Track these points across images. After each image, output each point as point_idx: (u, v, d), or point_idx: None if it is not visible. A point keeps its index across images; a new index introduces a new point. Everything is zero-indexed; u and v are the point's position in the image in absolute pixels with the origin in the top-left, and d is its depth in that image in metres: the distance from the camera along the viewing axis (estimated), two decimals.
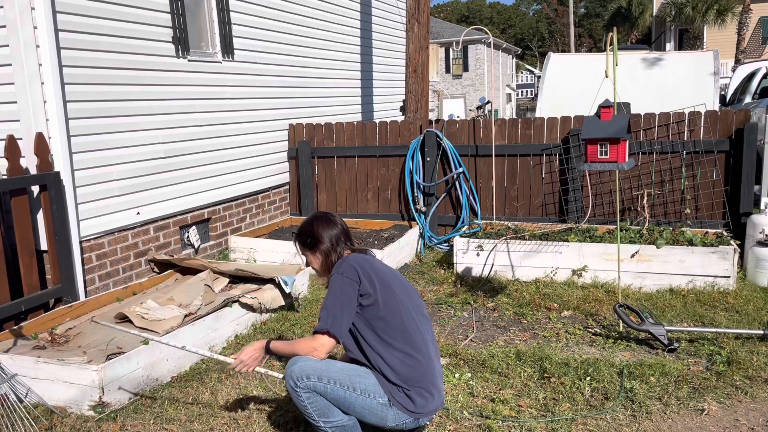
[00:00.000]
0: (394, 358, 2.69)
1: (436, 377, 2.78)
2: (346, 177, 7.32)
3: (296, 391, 2.67)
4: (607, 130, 3.97)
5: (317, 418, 2.70)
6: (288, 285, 4.78)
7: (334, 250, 2.87)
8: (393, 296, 2.75)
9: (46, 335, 4.13)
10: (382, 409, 2.67)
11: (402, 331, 2.71)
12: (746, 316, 4.42)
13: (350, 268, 2.73)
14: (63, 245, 4.61)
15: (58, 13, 4.56)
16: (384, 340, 2.69)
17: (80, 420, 3.30)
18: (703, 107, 6.96)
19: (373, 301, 2.70)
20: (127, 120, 5.22)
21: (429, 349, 2.79)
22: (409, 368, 2.69)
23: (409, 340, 2.72)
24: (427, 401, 2.71)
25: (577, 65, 9.69)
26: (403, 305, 2.77)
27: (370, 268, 2.77)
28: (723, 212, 5.93)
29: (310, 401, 2.68)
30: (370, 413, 2.68)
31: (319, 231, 2.88)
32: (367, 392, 2.67)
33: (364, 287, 2.71)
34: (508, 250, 5.49)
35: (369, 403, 2.67)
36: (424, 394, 2.70)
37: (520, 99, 46.49)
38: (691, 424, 3.12)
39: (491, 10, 74.03)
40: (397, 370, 2.68)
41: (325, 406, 2.69)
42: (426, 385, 2.71)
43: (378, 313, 2.70)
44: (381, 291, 2.73)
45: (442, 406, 2.82)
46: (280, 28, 7.32)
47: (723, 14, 25.51)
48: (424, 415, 2.73)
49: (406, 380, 2.68)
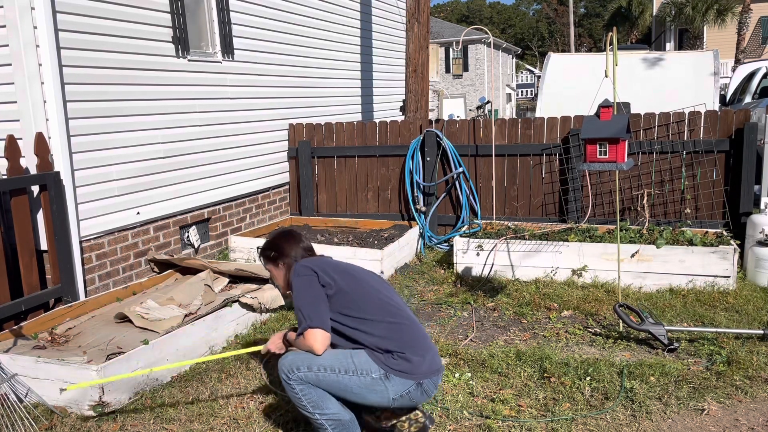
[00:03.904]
0: (378, 328, 2.70)
1: (426, 338, 2.79)
2: (346, 177, 7.32)
3: (289, 383, 2.70)
4: (606, 130, 3.97)
5: (312, 410, 2.70)
6: None
7: (294, 261, 2.94)
8: (355, 280, 2.81)
9: (46, 335, 4.13)
10: (381, 384, 2.66)
11: (377, 305, 2.75)
12: (746, 316, 4.42)
13: (303, 268, 2.80)
14: (63, 245, 4.61)
15: (58, 13, 4.56)
16: (363, 319, 2.71)
17: (80, 420, 3.31)
18: (703, 107, 6.96)
19: (337, 289, 2.74)
20: (127, 120, 5.22)
21: (409, 314, 2.82)
22: (396, 332, 2.70)
23: (386, 310, 2.75)
24: (423, 359, 2.70)
25: (577, 65, 9.69)
26: (369, 285, 2.82)
27: (326, 264, 2.84)
28: (723, 212, 5.93)
29: (304, 393, 2.69)
30: (369, 391, 2.67)
31: (282, 246, 2.97)
32: (361, 370, 2.66)
33: (322, 278, 2.75)
34: (508, 250, 5.49)
35: (365, 381, 2.66)
36: (419, 352, 2.70)
37: (520, 99, 46.49)
38: (691, 424, 3.12)
39: (491, 10, 74.02)
40: (385, 336, 2.69)
41: (319, 398, 2.70)
42: (418, 345, 2.71)
43: (347, 298, 2.73)
44: (341, 278, 2.78)
45: (441, 369, 2.80)
46: (280, 28, 7.32)
47: (723, 14, 25.51)
48: (425, 376, 2.69)
49: (397, 344, 2.68)
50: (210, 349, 4.11)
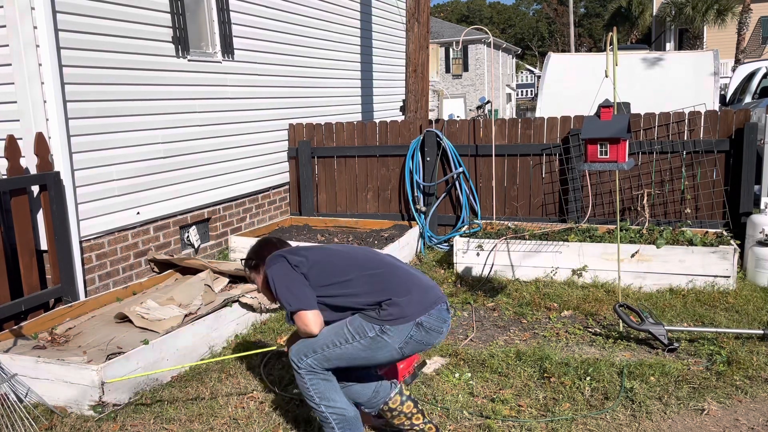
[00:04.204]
0: (359, 285, 2.68)
1: (411, 276, 2.75)
2: (346, 177, 7.32)
3: (299, 372, 2.71)
4: (607, 130, 3.97)
5: (318, 401, 2.70)
6: None
7: None
8: (325, 249, 2.82)
9: (46, 335, 4.13)
10: (380, 339, 2.63)
11: (352, 263, 2.74)
12: (746, 315, 4.42)
13: (273, 258, 2.81)
14: (63, 245, 4.61)
15: (58, 13, 4.56)
16: (343, 281, 2.70)
17: (80, 420, 3.30)
18: (703, 107, 6.96)
19: (311, 264, 2.73)
20: (127, 120, 5.22)
21: (388, 261, 2.80)
22: (378, 282, 2.68)
23: (362, 265, 2.74)
24: (410, 297, 2.65)
25: (577, 65, 9.69)
26: (340, 249, 2.83)
27: (295, 248, 2.87)
28: (723, 212, 5.93)
29: (312, 383, 2.70)
30: (374, 350, 2.64)
31: (262, 253, 2.95)
32: (358, 334, 2.64)
33: (292, 260, 2.75)
34: (508, 250, 5.49)
35: (365, 342, 2.64)
36: (404, 293, 2.66)
37: (520, 99, 46.49)
38: (691, 424, 3.12)
39: (491, 10, 74.02)
40: (369, 290, 2.67)
41: (326, 389, 2.70)
42: (402, 286, 2.68)
43: (322, 268, 2.72)
44: (312, 253, 2.79)
45: (439, 300, 2.73)
46: (280, 28, 7.32)
47: (723, 14, 25.52)
48: (419, 314, 2.64)
49: (381, 293, 2.66)
50: (210, 349, 4.12)
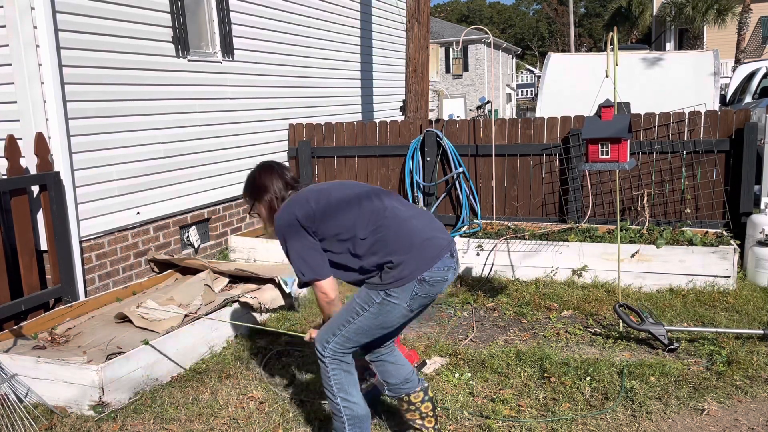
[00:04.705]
0: (362, 247, 2.61)
1: (411, 229, 2.63)
2: (346, 177, 7.32)
3: (323, 361, 2.70)
4: (608, 130, 3.97)
5: (336, 392, 2.69)
6: (288, 285, 4.78)
7: (276, 198, 2.82)
8: (332, 199, 2.68)
9: (46, 335, 4.13)
10: (387, 303, 2.59)
11: (358, 218, 2.63)
12: (746, 316, 4.42)
13: (286, 216, 2.67)
14: (63, 245, 4.61)
15: (58, 13, 4.56)
16: (346, 240, 2.62)
17: (80, 420, 3.30)
18: (703, 107, 6.96)
19: (318, 218, 2.63)
20: (127, 120, 5.22)
21: (390, 209, 2.68)
22: (381, 240, 2.59)
23: (369, 220, 2.63)
24: (410, 254, 2.57)
25: (577, 65, 9.69)
26: (349, 197, 2.70)
27: (307, 197, 2.69)
28: (723, 212, 5.93)
29: (334, 372, 2.69)
30: (385, 315, 2.60)
31: (263, 181, 2.84)
32: (365, 304, 2.61)
33: (303, 221, 2.63)
34: (508, 250, 5.49)
35: (374, 309, 2.60)
36: (403, 251, 2.57)
37: (520, 99, 46.49)
38: (691, 424, 3.12)
39: (491, 9, 74.03)
40: (371, 252, 2.60)
41: (346, 381, 2.70)
42: (401, 244, 2.59)
43: (327, 224, 2.63)
44: (319, 205, 2.66)
45: (443, 250, 2.62)
46: (280, 28, 7.32)
47: (723, 14, 25.52)
48: (420, 270, 2.56)
49: (383, 253, 2.58)
50: (210, 349, 4.11)
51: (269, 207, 2.84)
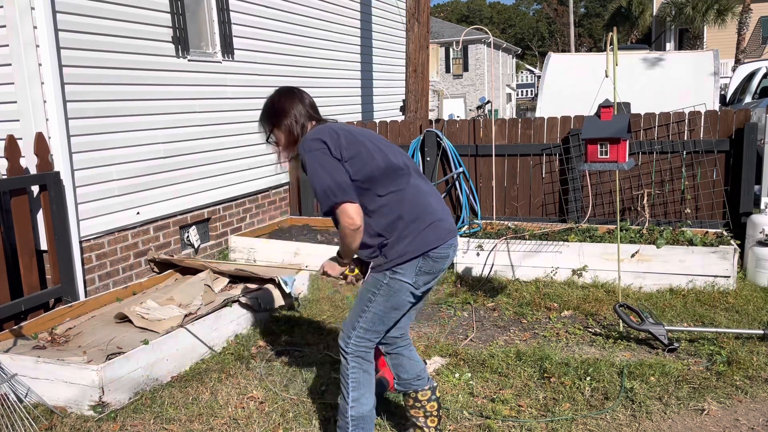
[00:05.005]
0: (378, 204, 2.55)
1: (426, 204, 2.59)
2: None
3: (346, 357, 2.69)
4: (607, 130, 3.97)
5: (350, 390, 2.67)
6: (288, 285, 4.78)
7: (297, 122, 2.72)
8: (363, 147, 2.59)
9: (46, 335, 4.13)
10: (395, 282, 2.57)
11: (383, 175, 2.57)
12: (746, 316, 4.42)
13: (314, 142, 2.56)
14: (63, 245, 4.61)
15: (58, 13, 4.56)
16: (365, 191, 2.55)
17: (80, 420, 3.30)
18: (703, 107, 6.96)
19: (341, 161, 2.54)
20: (126, 120, 5.22)
21: (411, 179, 2.64)
22: (394, 206, 2.55)
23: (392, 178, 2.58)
24: (418, 232, 2.54)
25: (577, 65, 9.69)
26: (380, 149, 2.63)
27: (336, 130, 2.61)
28: (723, 212, 5.93)
29: (354, 370, 2.66)
30: (395, 294, 2.60)
31: (283, 105, 2.74)
32: (375, 287, 2.60)
33: (335, 152, 2.54)
34: (508, 250, 5.49)
35: (384, 291, 2.59)
36: (420, 224, 2.54)
37: (520, 99, 46.49)
38: (691, 424, 3.12)
39: (491, 9, 74.04)
40: (383, 213, 2.55)
41: (363, 381, 2.68)
42: (416, 219, 2.55)
43: (353, 166, 2.54)
44: (347, 147, 2.56)
45: (449, 235, 2.60)
46: (280, 28, 7.32)
47: (723, 14, 25.54)
48: (429, 247, 2.54)
49: (391, 229, 2.54)
50: (210, 349, 4.11)
51: (288, 132, 2.72)
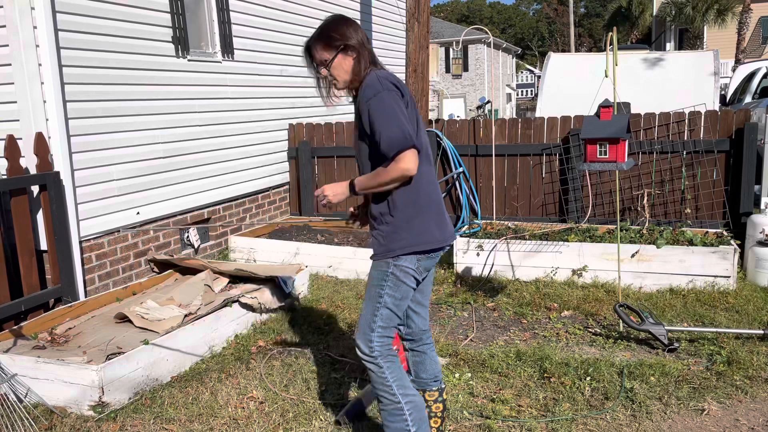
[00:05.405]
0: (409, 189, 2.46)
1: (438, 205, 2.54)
2: (346, 177, 7.32)
3: (374, 362, 2.52)
4: (606, 130, 3.97)
5: (396, 389, 2.51)
6: (288, 285, 4.78)
7: (366, 56, 2.51)
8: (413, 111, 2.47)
9: (46, 335, 4.13)
10: (398, 267, 2.50)
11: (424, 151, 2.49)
12: (746, 315, 4.42)
13: (388, 83, 2.40)
14: (63, 245, 4.61)
15: (58, 13, 4.56)
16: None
17: (80, 420, 3.30)
18: (703, 107, 6.96)
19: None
20: (126, 120, 5.22)
21: (432, 174, 2.57)
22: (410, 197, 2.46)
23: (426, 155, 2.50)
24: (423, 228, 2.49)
25: (577, 65, 9.69)
26: (419, 128, 2.51)
27: (400, 83, 2.46)
28: (723, 212, 5.93)
29: (390, 369, 2.52)
30: (403, 284, 2.52)
31: (348, 30, 2.50)
32: (382, 279, 2.52)
33: (403, 101, 2.40)
34: (508, 250, 5.49)
35: (392, 280, 2.52)
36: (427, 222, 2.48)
37: (520, 99, 46.49)
38: (691, 424, 3.12)
39: (491, 9, 74.05)
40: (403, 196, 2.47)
41: (402, 375, 2.54)
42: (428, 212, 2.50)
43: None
44: (409, 110, 2.44)
45: (447, 241, 2.56)
46: (280, 28, 7.32)
47: (723, 14, 25.54)
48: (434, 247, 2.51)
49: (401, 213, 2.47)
50: (210, 349, 4.11)
51: (357, 63, 2.50)
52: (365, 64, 2.50)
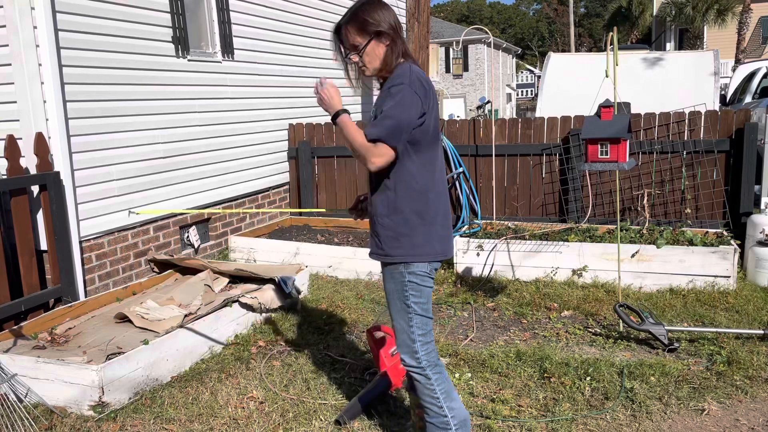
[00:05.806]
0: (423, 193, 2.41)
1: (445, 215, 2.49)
2: (346, 177, 7.32)
3: (423, 374, 2.47)
4: (607, 130, 3.97)
5: (443, 401, 2.46)
6: (288, 285, 4.78)
7: (400, 46, 2.40)
8: (434, 125, 2.41)
9: (46, 335, 4.13)
10: (414, 275, 2.44)
11: (432, 162, 2.43)
12: (746, 315, 4.42)
13: (418, 82, 2.31)
14: (63, 245, 4.61)
15: (58, 12, 4.56)
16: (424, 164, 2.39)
17: (80, 420, 3.30)
18: (703, 107, 6.96)
19: (421, 123, 2.35)
20: (126, 120, 5.22)
21: (444, 181, 2.52)
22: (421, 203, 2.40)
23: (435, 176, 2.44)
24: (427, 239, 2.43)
25: (577, 65, 9.69)
26: (438, 136, 2.45)
27: (428, 86, 2.37)
28: (723, 212, 5.93)
29: (438, 381, 2.47)
30: (422, 287, 2.46)
31: (384, 14, 2.38)
32: (403, 289, 2.44)
33: (424, 106, 2.33)
34: (508, 250, 5.49)
35: (413, 288, 2.45)
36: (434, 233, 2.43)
37: (520, 99, 46.50)
38: (691, 424, 3.12)
39: (491, 9, 74.07)
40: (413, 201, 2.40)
41: (450, 387, 2.49)
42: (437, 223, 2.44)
43: (419, 138, 2.36)
44: (429, 116, 2.36)
45: (446, 252, 2.50)
46: (280, 28, 7.32)
47: (723, 14, 25.55)
48: (439, 258, 2.48)
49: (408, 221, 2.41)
50: (210, 349, 4.11)
51: (390, 51, 2.40)
52: (398, 54, 2.41)
